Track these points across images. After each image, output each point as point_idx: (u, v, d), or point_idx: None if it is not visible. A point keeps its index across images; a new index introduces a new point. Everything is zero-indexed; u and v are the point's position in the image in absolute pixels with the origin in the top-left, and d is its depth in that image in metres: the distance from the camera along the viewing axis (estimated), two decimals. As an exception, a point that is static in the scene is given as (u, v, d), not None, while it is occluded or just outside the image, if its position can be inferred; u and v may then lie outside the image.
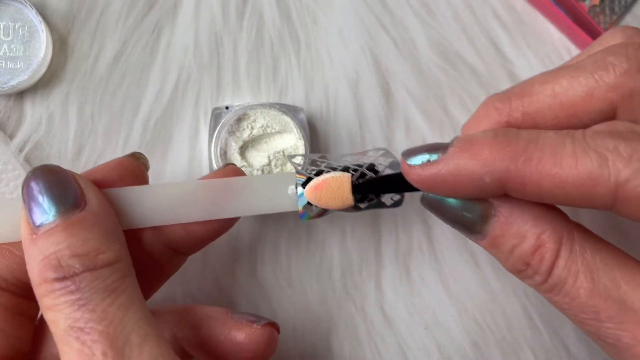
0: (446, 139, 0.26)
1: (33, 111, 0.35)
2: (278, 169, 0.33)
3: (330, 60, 0.36)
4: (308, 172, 0.27)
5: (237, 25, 0.35)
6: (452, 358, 0.36)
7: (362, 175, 0.27)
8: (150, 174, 0.36)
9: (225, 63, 0.35)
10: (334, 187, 0.27)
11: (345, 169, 0.27)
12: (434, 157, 0.24)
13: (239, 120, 0.33)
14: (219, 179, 0.27)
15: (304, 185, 0.27)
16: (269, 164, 0.33)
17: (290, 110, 0.33)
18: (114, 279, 0.23)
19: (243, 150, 0.33)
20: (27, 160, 0.34)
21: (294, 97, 0.36)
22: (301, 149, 0.33)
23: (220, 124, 0.33)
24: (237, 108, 0.33)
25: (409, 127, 0.36)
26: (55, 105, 0.35)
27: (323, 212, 0.27)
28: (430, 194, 0.25)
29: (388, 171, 0.27)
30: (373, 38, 0.36)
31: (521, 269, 0.24)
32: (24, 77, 0.34)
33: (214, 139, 0.33)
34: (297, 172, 0.27)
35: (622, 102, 0.23)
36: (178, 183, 0.28)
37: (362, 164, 0.27)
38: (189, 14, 0.35)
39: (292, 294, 0.36)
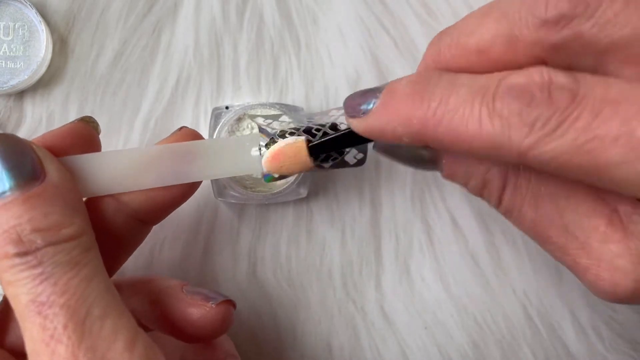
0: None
1: (33, 111, 0.35)
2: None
3: (330, 60, 0.36)
4: (271, 132, 0.27)
5: (237, 25, 0.35)
6: (452, 358, 0.36)
7: (325, 134, 0.27)
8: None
9: (225, 63, 0.35)
10: (291, 154, 0.27)
11: (308, 130, 0.27)
12: (369, 105, 0.25)
13: (239, 120, 0.33)
14: (179, 143, 0.27)
15: (267, 145, 0.27)
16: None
17: (290, 110, 0.33)
18: (77, 253, 0.22)
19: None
20: (27, 160, 0.34)
21: (294, 97, 0.36)
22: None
23: (220, 123, 0.33)
24: (237, 108, 0.33)
25: (409, 127, 0.36)
26: (55, 105, 0.35)
27: (286, 175, 0.28)
28: (378, 144, 0.27)
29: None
30: (373, 38, 0.36)
31: (478, 196, 0.26)
32: (24, 77, 0.34)
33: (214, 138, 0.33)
34: (260, 131, 0.27)
35: (548, 54, 0.22)
36: (137, 148, 0.27)
37: (324, 123, 0.27)
38: (189, 14, 0.35)
39: (292, 294, 0.36)
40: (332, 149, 0.27)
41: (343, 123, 0.27)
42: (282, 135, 0.27)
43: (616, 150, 0.19)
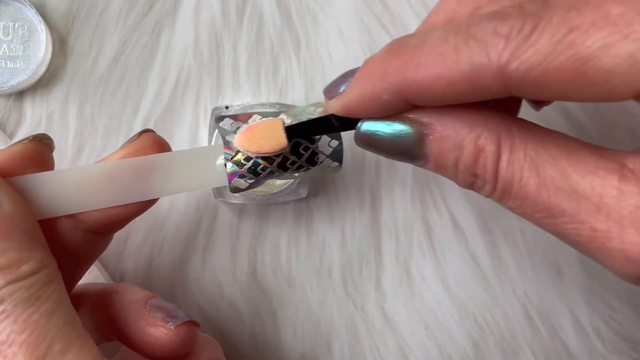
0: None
1: (33, 111, 0.35)
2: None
3: (330, 60, 0.36)
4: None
5: (237, 25, 0.35)
6: (452, 358, 0.36)
7: (296, 145, 0.26)
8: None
9: (225, 63, 0.35)
10: (264, 128, 0.25)
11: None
12: (346, 84, 0.24)
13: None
14: (138, 157, 0.25)
15: (232, 157, 0.25)
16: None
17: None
18: (38, 288, 0.22)
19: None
20: (26, 160, 0.34)
21: (294, 97, 0.35)
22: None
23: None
24: (237, 108, 0.33)
25: (409, 127, 0.36)
26: (55, 105, 0.35)
27: (255, 183, 0.26)
28: (360, 132, 0.24)
29: (325, 139, 0.26)
30: (373, 38, 0.36)
31: (472, 182, 0.23)
32: (23, 76, 0.33)
33: (214, 138, 0.33)
34: (225, 139, 0.25)
35: None
36: (93, 165, 0.25)
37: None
38: (189, 14, 0.35)
39: (292, 294, 0.36)
40: (308, 132, 0.26)
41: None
42: None
43: (596, 36, 0.18)
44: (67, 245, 0.26)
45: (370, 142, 0.24)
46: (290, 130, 0.25)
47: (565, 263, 0.36)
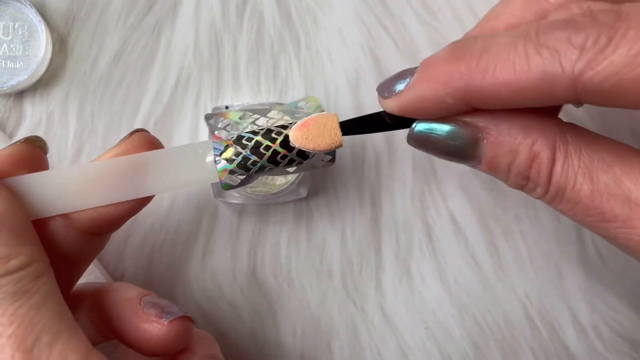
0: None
1: (33, 111, 0.35)
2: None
3: (330, 60, 0.36)
4: (227, 136, 0.25)
5: (237, 25, 0.35)
6: (452, 358, 0.36)
7: (286, 138, 0.25)
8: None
9: (225, 63, 0.35)
10: (321, 124, 0.25)
11: (268, 132, 0.25)
12: (402, 85, 0.24)
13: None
14: (129, 156, 0.25)
15: (221, 153, 0.25)
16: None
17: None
18: (27, 282, 0.22)
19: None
20: (26, 160, 0.34)
21: (294, 97, 0.35)
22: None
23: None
24: (237, 108, 0.33)
25: (409, 127, 0.36)
26: (55, 105, 0.35)
27: (246, 179, 0.26)
28: (414, 132, 0.25)
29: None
30: (373, 38, 0.36)
31: (523, 184, 0.24)
32: (23, 76, 0.33)
33: (214, 139, 0.33)
34: (214, 135, 0.25)
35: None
36: (84, 165, 0.25)
37: (287, 124, 0.25)
38: (189, 14, 0.35)
39: (292, 294, 0.36)
40: (362, 129, 0.26)
41: (280, 130, 0.25)
42: (239, 139, 0.25)
43: None
44: (62, 245, 0.26)
45: (425, 143, 0.25)
46: (344, 127, 0.25)
47: (566, 263, 0.36)
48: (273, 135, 0.25)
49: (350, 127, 0.26)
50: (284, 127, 0.25)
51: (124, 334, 0.26)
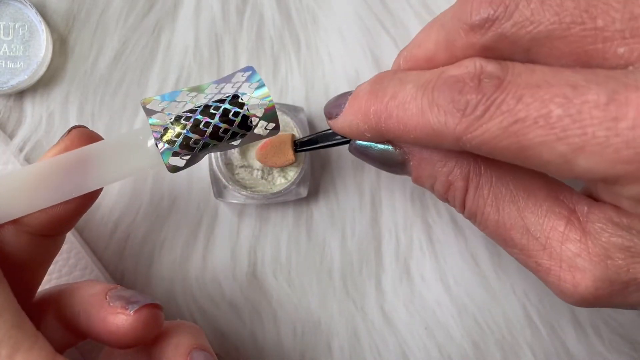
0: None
1: (33, 111, 0.35)
2: (279, 170, 0.33)
3: (330, 60, 0.36)
4: (165, 120, 0.25)
5: (237, 25, 0.35)
6: (452, 358, 0.36)
7: (226, 112, 0.25)
8: (151, 173, 0.36)
9: (225, 63, 0.35)
10: (277, 145, 0.31)
11: (206, 108, 0.25)
12: (340, 108, 0.27)
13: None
14: (68, 152, 0.25)
15: (162, 136, 0.24)
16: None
17: (290, 110, 0.33)
18: None
19: (243, 149, 0.33)
20: (27, 160, 0.34)
21: (294, 97, 0.35)
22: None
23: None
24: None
25: (409, 127, 0.36)
26: (55, 105, 0.35)
27: (192, 159, 0.25)
28: (355, 144, 0.29)
29: (254, 101, 0.25)
30: (373, 38, 0.36)
31: (444, 200, 0.28)
32: (24, 76, 0.33)
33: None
34: (152, 122, 0.25)
35: (481, 55, 0.24)
36: (23, 168, 0.25)
37: (225, 97, 0.25)
38: (189, 14, 0.35)
39: (292, 294, 0.36)
40: (316, 145, 0.31)
41: (246, 93, 0.25)
42: (177, 120, 0.25)
43: (537, 132, 0.20)
44: (15, 252, 0.25)
45: (363, 154, 0.29)
46: (300, 145, 0.31)
47: (565, 263, 0.36)
48: (211, 110, 0.25)
49: (305, 144, 0.31)
50: (222, 100, 0.25)
51: (93, 330, 0.26)
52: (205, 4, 0.35)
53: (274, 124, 0.26)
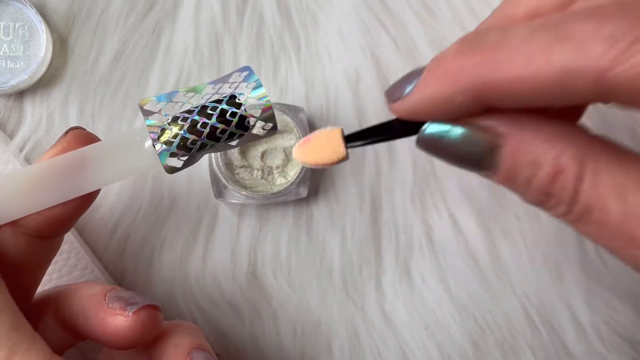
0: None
1: (33, 111, 0.35)
2: (279, 170, 0.33)
3: (330, 60, 0.36)
4: (163, 121, 0.24)
5: (237, 25, 0.35)
6: (452, 358, 0.36)
7: (223, 113, 0.24)
8: (150, 173, 0.36)
9: (225, 63, 0.35)
10: (323, 139, 0.25)
11: (203, 109, 0.25)
12: (410, 87, 0.22)
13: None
14: (65, 154, 0.25)
15: (159, 137, 0.24)
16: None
17: (290, 110, 0.33)
18: None
19: (243, 149, 0.33)
20: (27, 160, 0.34)
21: (294, 97, 0.35)
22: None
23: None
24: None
25: (409, 127, 0.36)
26: (55, 105, 0.35)
27: (190, 160, 0.25)
28: (424, 135, 0.22)
29: (252, 101, 0.25)
30: (373, 38, 0.36)
31: (543, 201, 0.21)
32: (24, 76, 0.33)
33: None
34: (149, 123, 0.24)
35: None
36: (23, 169, 0.25)
37: (222, 98, 0.25)
38: (189, 14, 0.35)
39: (292, 294, 0.36)
40: (368, 138, 0.24)
41: (243, 94, 0.25)
42: (175, 120, 0.24)
43: None
44: (13, 254, 0.25)
45: (435, 147, 0.22)
46: (350, 139, 0.24)
47: (565, 263, 0.36)
48: (208, 111, 0.25)
49: (357, 137, 0.24)
50: (219, 101, 0.25)
51: (92, 331, 0.26)
52: (205, 4, 0.35)
53: (271, 124, 0.25)
